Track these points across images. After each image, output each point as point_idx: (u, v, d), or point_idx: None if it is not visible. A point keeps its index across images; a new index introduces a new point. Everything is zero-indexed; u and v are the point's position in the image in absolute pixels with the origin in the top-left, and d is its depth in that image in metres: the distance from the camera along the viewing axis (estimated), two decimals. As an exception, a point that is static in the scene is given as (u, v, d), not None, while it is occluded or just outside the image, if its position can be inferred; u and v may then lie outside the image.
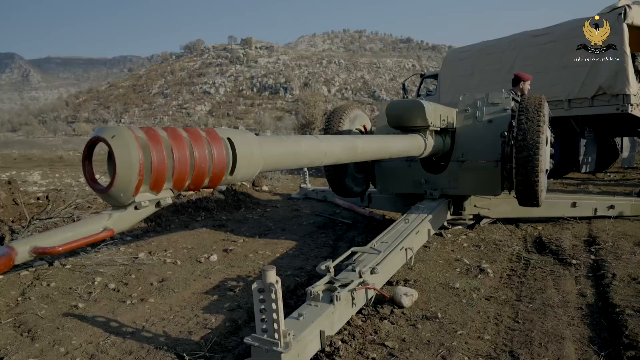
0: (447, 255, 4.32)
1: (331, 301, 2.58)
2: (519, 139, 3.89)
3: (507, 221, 5.45)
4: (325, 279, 2.81)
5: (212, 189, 7.50)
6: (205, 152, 1.69)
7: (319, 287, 2.69)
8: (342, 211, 6.63)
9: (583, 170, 9.80)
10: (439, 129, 4.34)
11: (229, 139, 1.84)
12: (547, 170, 4.33)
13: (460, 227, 5.19)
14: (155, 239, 5.23)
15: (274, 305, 2.05)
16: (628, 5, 8.79)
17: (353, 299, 2.78)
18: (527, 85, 6.59)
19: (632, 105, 8.51)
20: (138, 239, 5.21)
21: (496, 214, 5.20)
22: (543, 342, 2.66)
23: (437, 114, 4.18)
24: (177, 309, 3.27)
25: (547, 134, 4.27)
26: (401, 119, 4.02)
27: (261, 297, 2.07)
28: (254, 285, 2.07)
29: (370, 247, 3.38)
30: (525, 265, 4.04)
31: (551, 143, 4.70)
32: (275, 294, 2.01)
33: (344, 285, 2.75)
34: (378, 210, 6.05)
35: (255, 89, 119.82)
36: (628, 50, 8.63)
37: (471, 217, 5.17)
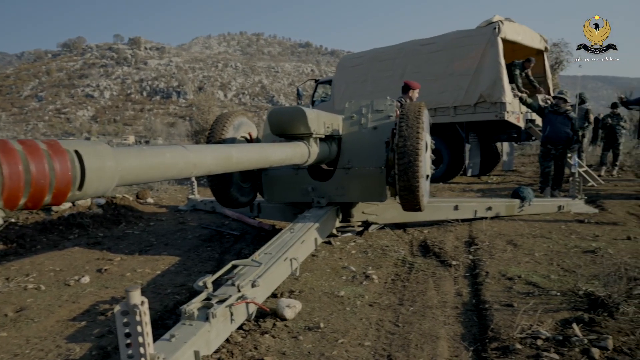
0: (334, 264, 4.45)
1: (207, 319, 2.54)
2: (399, 145, 4.12)
3: (395, 226, 5.74)
4: (202, 295, 2.76)
5: (89, 203, 7.06)
6: (45, 166, 1.58)
7: (194, 304, 2.64)
8: (231, 222, 6.56)
9: (469, 174, 10.63)
10: (323, 136, 4.46)
11: (76, 151, 1.74)
12: (428, 176, 4.63)
13: (349, 234, 5.37)
14: (15, 262, 4.80)
15: (139, 329, 1.97)
16: (501, 21, 9.75)
17: (232, 314, 2.76)
18: (415, 93, 7.04)
19: (507, 112, 9.41)
20: (-6, 263, 4.76)
21: (384, 219, 5.46)
22: (419, 344, 2.83)
23: (321, 121, 4.30)
24: (35, 341, 3.02)
25: (427, 140, 4.56)
26: (283, 127, 4.08)
27: (125, 320, 1.99)
28: (117, 308, 1.97)
29: (252, 260, 3.38)
30: (410, 269, 4.28)
31: (434, 148, 5.01)
32: (141, 315, 1.94)
33: (221, 301, 2.72)
34: (268, 220, 6.07)
35: (145, 93, 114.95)
36: (503, 61, 9.55)
37: (360, 223, 5.38)
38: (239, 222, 6.49)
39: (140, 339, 1.99)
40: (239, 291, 2.88)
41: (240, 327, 3.01)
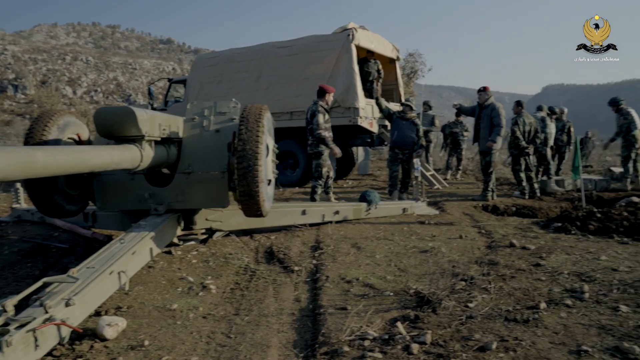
0: (171, 275, 4.30)
1: (0, 349, 2.27)
2: (238, 149, 4.10)
3: (242, 233, 5.71)
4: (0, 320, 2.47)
5: None
6: None
7: (-15, 333, 2.34)
8: (62, 234, 6.03)
9: (325, 178, 10.97)
10: (159, 139, 4.28)
11: None
12: (270, 181, 4.67)
13: (193, 242, 5.23)
14: None
15: None
16: (355, 28, 10.26)
17: (36, 340, 2.51)
18: (330, 97, 7.51)
19: (361, 117, 9.90)
20: None
21: (229, 226, 5.40)
22: (249, 354, 2.83)
23: (156, 122, 4.13)
24: None
25: (269, 144, 4.60)
26: (111, 129, 3.84)
27: None
28: None
29: (68, 275, 3.11)
30: (251, 276, 4.29)
31: (277, 152, 5.07)
32: None
33: (21, 326, 2.46)
34: (103, 231, 5.69)
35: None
36: (356, 68, 10.04)
37: (203, 231, 5.26)
38: (71, 233, 5.99)
39: None
40: (46, 312, 2.63)
41: (50, 353, 2.75)
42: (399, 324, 3.08)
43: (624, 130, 9.83)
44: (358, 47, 10.28)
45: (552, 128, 11.01)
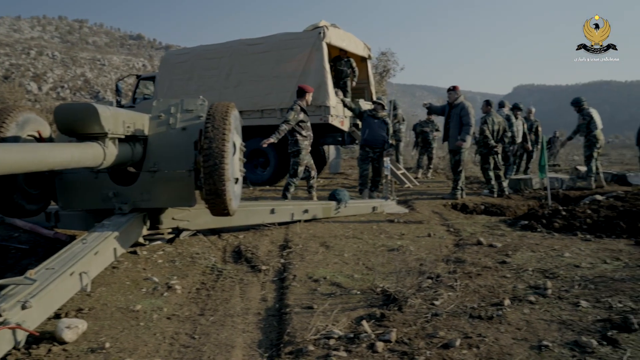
0: (136, 275, 4.23)
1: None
2: (204, 147, 4.06)
3: (210, 232, 5.67)
4: (-53, 326, 2.40)
5: None
6: None
7: None
8: (22, 234, 5.88)
9: (296, 176, 10.96)
10: (123, 137, 4.21)
11: None
12: (237, 179, 4.64)
13: (159, 242, 5.16)
14: None
15: None
16: (327, 26, 10.28)
17: (-12, 344, 2.44)
18: (309, 97, 7.60)
19: (332, 116, 9.93)
20: None
21: (196, 225, 5.35)
22: (213, 355, 2.80)
23: (119, 119, 4.06)
24: None
25: (236, 142, 4.57)
26: (72, 125, 3.76)
27: None
28: None
29: (25, 277, 3.03)
30: (217, 276, 4.25)
31: (244, 150, 5.04)
32: None
33: (-27, 330, 2.39)
34: (67, 231, 5.57)
35: None
36: (327, 66, 10.07)
37: (170, 230, 5.20)
38: (32, 233, 5.84)
39: None
40: (0, 315, 2.56)
41: (4, 358, 2.67)
42: (364, 322, 3.09)
43: (583, 130, 10.11)
44: (329, 46, 10.31)
45: (519, 125, 11.23)
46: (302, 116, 7.51)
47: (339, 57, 11.17)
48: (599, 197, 7.99)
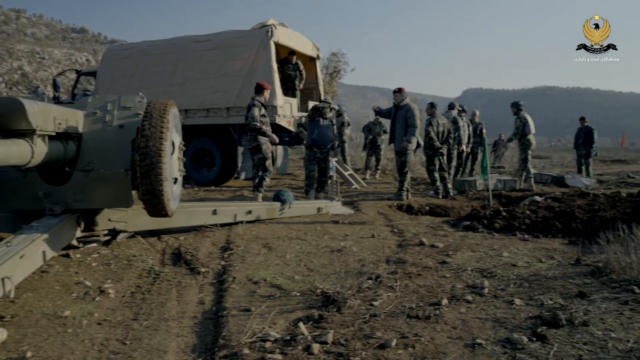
0: (67, 279, 4.07)
1: None
2: (141, 145, 3.96)
3: (149, 233, 5.53)
4: None
5: None
6: None
7: None
8: (-56, 237, 5.56)
9: (242, 177, 10.88)
10: (54, 134, 4.05)
11: None
12: (176, 179, 4.55)
13: (94, 244, 4.99)
14: None
15: None
16: (274, 25, 10.24)
17: None
18: (267, 94, 7.86)
19: (279, 116, 9.90)
20: None
21: (134, 226, 5.20)
22: (143, 361, 2.73)
23: (50, 115, 3.89)
24: None
25: (175, 141, 4.48)
26: None
27: None
28: None
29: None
30: (154, 279, 4.15)
31: (184, 149, 4.95)
32: None
33: None
34: (-7, 233, 5.29)
35: None
36: (275, 65, 10.03)
37: (106, 232, 5.04)
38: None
39: None
40: None
41: None
42: (301, 324, 3.09)
43: (519, 133, 10.55)
44: (277, 45, 10.28)
45: (465, 127, 11.56)
46: (263, 111, 7.73)
47: (287, 60, 11.14)
48: (538, 198, 8.32)
